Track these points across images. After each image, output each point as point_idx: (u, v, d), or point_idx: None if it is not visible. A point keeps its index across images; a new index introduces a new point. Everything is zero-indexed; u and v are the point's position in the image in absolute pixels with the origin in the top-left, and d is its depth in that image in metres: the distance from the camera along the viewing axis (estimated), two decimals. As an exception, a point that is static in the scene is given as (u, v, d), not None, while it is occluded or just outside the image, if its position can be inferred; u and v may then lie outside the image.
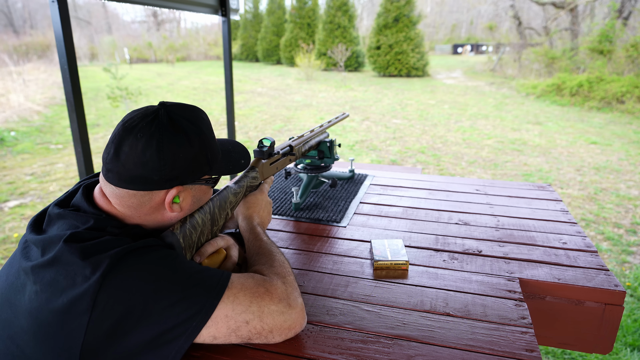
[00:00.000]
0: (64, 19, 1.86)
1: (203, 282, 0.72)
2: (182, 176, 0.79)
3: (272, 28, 24.21)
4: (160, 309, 0.68)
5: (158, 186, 0.77)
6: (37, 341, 0.67)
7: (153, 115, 0.77)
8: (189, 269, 0.73)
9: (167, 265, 0.71)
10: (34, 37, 23.85)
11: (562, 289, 1.06)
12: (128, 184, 0.75)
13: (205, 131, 0.82)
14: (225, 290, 0.74)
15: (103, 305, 0.65)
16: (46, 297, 0.67)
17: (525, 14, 22.55)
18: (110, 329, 0.65)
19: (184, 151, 0.78)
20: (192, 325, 0.70)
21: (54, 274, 0.68)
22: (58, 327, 0.66)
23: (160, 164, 0.75)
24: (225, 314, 0.73)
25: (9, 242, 3.31)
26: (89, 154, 2.07)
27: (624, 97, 9.51)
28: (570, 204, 4.09)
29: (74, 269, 0.67)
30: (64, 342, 0.65)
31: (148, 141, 0.74)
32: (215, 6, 3.26)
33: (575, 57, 13.37)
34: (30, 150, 6.01)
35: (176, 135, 0.77)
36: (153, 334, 0.67)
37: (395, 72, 17.16)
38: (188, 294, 0.70)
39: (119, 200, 0.77)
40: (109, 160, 0.76)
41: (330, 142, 1.52)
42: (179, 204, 0.81)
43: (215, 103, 10.39)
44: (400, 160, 5.64)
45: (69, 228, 0.73)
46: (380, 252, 1.14)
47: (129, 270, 0.68)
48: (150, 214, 0.80)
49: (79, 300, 0.65)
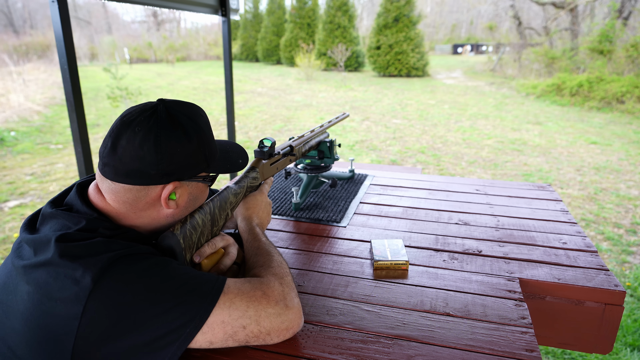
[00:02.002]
0: (64, 19, 1.86)
1: (198, 288, 0.72)
2: (179, 172, 0.79)
3: (272, 28, 24.21)
4: (150, 317, 0.67)
5: (155, 181, 0.77)
6: (28, 343, 0.66)
7: (151, 110, 0.77)
8: (183, 275, 0.72)
9: (159, 274, 0.70)
10: (34, 37, 23.85)
11: (562, 289, 1.06)
12: (125, 178, 0.75)
13: (203, 128, 0.82)
14: (221, 295, 0.73)
15: (93, 311, 0.64)
16: (38, 299, 0.66)
17: (525, 14, 22.56)
18: (100, 335, 0.65)
19: (182, 147, 0.78)
20: (186, 332, 0.69)
21: (44, 275, 0.67)
22: (48, 330, 0.65)
23: (158, 158, 0.75)
24: (222, 319, 0.72)
25: (9, 242, 3.31)
26: (89, 154, 2.07)
27: (624, 97, 9.51)
28: (570, 204, 4.09)
29: (63, 271, 0.66)
30: (55, 345, 0.65)
31: (146, 135, 0.74)
32: (215, 6, 3.26)
33: (575, 57, 13.37)
34: (30, 150, 6.01)
35: (174, 131, 0.77)
36: (144, 340, 0.67)
37: (395, 72, 17.16)
38: (181, 300, 0.69)
39: (115, 196, 0.77)
40: (106, 154, 0.75)
41: (330, 142, 1.52)
42: (175, 200, 0.81)
43: (215, 103, 10.39)
44: (400, 160, 5.64)
45: (61, 228, 0.72)
46: (380, 252, 1.14)
47: (120, 277, 0.67)
48: (145, 209, 0.79)
49: (69, 305, 0.65)
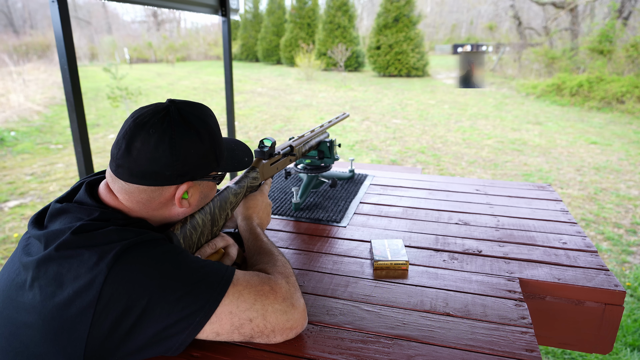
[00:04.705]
0: (64, 19, 1.87)
1: (207, 278, 0.73)
2: (193, 172, 0.80)
3: (272, 28, 24.19)
4: (164, 303, 0.68)
5: (169, 181, 0.78)
6: (41, 336, 0.67)
7: (164, 111, 0.78)
8: (193, 264, 0.74)
9: (171, 260, 0.72)
10: (34, 37, 23.85)
11: (562, 289, 1.06)
12: (139, 179, 0.76)
13: (214, 128, 0.84)
14: (230, 286, 0.74)
15: (108, 297, 0.66)
16: (51, 291, 0.67)
17: (525, 14, 22.56)
18: (114, 322, 0.66)
19: (196, 147, 0.79)
20: (196, 321, 0.70)
21: (57, 267, 0.68)
22: (63, 321, 0.66)
23: (173, 159, 0.76)
24: (230, 310, 0.73)
25: (9, 242, 3.31)
26: (89, 154, 2.07)
27: (624, 97, 9.51)
28: (570, 204, 4.09)
29: (78, 261, 0.67)
30: (69, 335, 0.66)
31: (161, 137, 0.75)
32: (215, 6, 3.26)
33: (575, 57, 13.36)
34: (30, 150, 6.01)
35: (188, 132, 0.78)
36: (156, 328, 0.68)
37: (395, 72, 17.15)
38: (192, 289, 0.70)
39: (128, 196, 0.78)
40: (120, 155, 0.76)
41: (330, 142, 1.52)
42: (187, 199, 0.83)
43: (215, 103, 10.39)
44: (400, 160, 5.64)
45: (73, 221, 0.73)
46: (380, 252, 1.14)
47: (134, 264, 0.68)
48: (158, 209, 0.81)
49: (84, 293, 0.66)
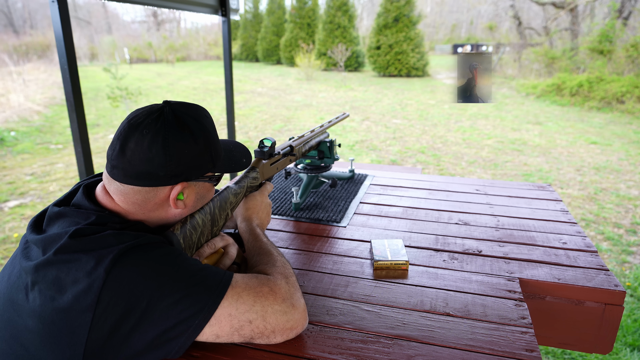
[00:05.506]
0: (64, 19, 1.86)
1: (205, 280, 0.73)
2: (187, 172, 0.80)
3: (272, 28, 24.18)
4: (163, 306, 0.68)
5: (163, 182, 0.78)
6: (41, 340, 0.67)
7: (158, 112, 0.78)
8: (192, 267, 0.74)
9: (170, 263, 0.72)
10: (34, 37, 23.82)
11: (562, 289, 1.06)
12: (134, 179, 0.76)
13: (209, 129, 0.84)
14: (229, 289, 0.74)
15: (107, 301, 0.66)
16: (50, 295, 0.67)
17: (525, 14, 22.53)
18: (113, 326, 0.66)
19: (189, 148, 0.79)
20: (195, 324, 0.70)
21: (56, 271, 0.68)
22: (62, 325, 0.66)
23: (166, 159, 0.76)
24: (229, 312, 0.73)
25: (9, 242, 3.31)
26: (89, 154, 2.07)
27: (624, 97, 9.50)
28: (570, 204, 4.09)
29: (76, 265, 0.67)
30: (68, 340, 0.66)
31: (154, 137, 0.75)
32: (215, 6, 3.26)
33: (575, 57, 13.35)
34: (30, 150, 6.01)
35: (181, 132, 0.78)
36: (156, 331, 0.68)
37: (395, 72, 17.14)
38: (191, 291, 0.70)
39: (124, 197, 0.78)
40: (115, 156, 0.76)
41: (330, 142, 1.52)
42: (183, 200, 0.83)
43: (215, 103, 10.39)
44: (400, 160, 5.64)
45: (70, 225, 0.73)
46: (380, 252, 1.14)
47: (132, 267, 0.68)
48: (154, 210, 0.81)
49: (82, 297, 0.66)
